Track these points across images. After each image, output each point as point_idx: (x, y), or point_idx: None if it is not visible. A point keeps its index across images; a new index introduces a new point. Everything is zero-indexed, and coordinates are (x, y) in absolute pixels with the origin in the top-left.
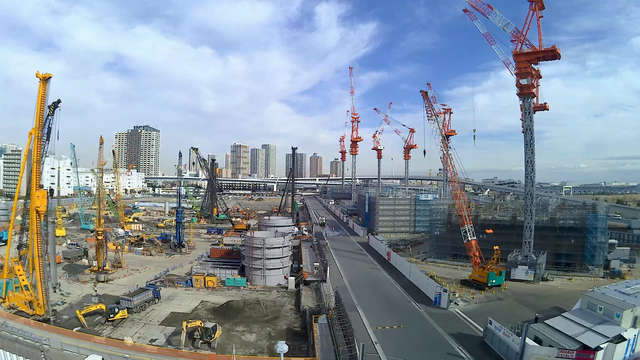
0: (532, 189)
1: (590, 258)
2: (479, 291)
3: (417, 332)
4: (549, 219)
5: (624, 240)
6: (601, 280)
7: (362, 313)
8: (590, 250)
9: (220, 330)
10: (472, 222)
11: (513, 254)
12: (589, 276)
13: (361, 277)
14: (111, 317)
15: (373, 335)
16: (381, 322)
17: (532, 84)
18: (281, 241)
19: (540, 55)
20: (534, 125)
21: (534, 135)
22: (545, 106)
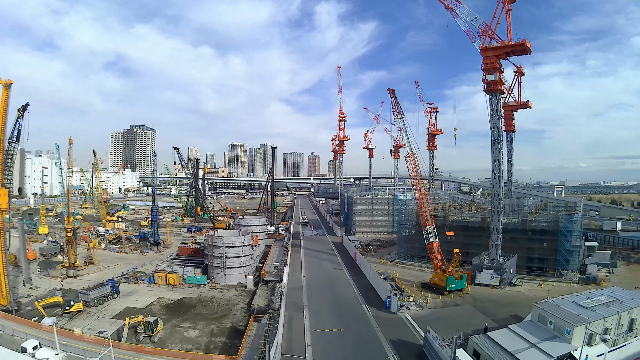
0: (500, 189)
1: (563, 263)
2: (438, 295)
3: (355, 337)
4: (519, 220)
5: (610, 243)
6: (574, 286)
7: (308, 314)
8: (564, 255)
9: (162, 325)
10: (434, 224)
11: (478, 257)
12: (562, 282)
13: (322, 278)
14: (67, 309)
15: (309, 337)
16: (322, 325)
17: (500, 80)
18: (241, 240)
19: (509, 49)
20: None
21: (502, 133)
22: (527, 104)
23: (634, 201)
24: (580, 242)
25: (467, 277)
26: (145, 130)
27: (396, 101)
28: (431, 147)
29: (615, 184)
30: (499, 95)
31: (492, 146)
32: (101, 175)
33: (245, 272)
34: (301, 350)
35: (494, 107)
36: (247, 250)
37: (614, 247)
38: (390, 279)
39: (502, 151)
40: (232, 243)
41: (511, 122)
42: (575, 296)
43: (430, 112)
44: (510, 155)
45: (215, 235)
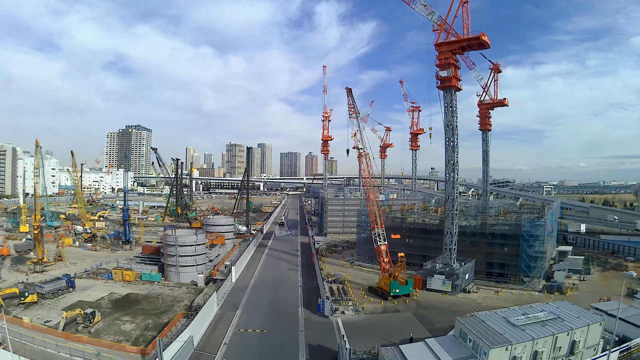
0: (454, 191)
1: (525, 269)
2: (380, 300)
3: (275, 339)
4: (479, 224)
5: (590, 247)
6: (536, 295)
7: (239, 313)
8: (526, 260)
9: (100, 317)
10: (383, 226)
11: (431, 262)
12: (523, 289)
13: (272, 278)
14: (22, 300)
15: (229, 336)
16: (249, 325)
17: (455, 76)
18: (194, 240)
19: (464, 43)
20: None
21: (457, 132)
22: (504, 102)
23: (628, 202)
24: (543, 247)
25: (414, 282)
26: (140, 130)
27: (352, 100)
28: (414, 146)
29: (614, 184)
30: (453, 91)
31: (446, 145)
32: (95, 175)
33: (198, 270)
34: (217, 348)
35: (448, 104)
36: (201, 249)
37: (592, 251)
38: (340, 281)
39: (456, 151)
40: (185, 242)
41: (487, 121)
42: (509, 311)
43: (412, 111)
44: (486, 154)
45: (169, 234)
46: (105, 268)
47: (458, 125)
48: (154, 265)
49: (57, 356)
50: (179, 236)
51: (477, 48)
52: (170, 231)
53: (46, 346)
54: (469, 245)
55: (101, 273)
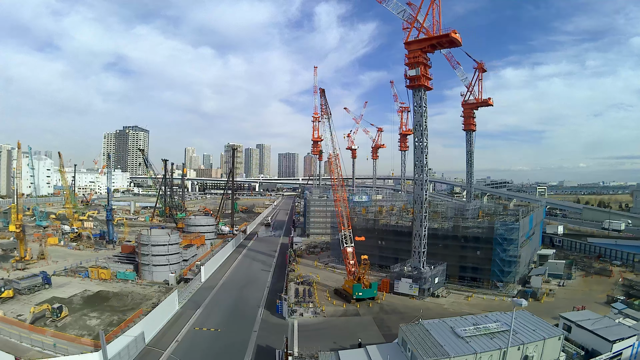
0: (423, 192)
1: (499, 274)
2: (343, 303)
3: (228, 338)
4: (452, 226)
5: (576, 250)
6: (508, 301)
7: (199, 312)
8: (499, 265)
9: (67, 312)
10: (350, 228)
11: (399, 265)
12: (495, 295)
13: (241, 278)
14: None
15: (182, 334)
16: (205, 324)
17: (425, 75)
18: (166, 239)
19: (434, 41)
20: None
21: (426, 132)
22: (488, 102)
23: (624, 203)
24: (518, 251)
25: (381, 285)
26: (137, 131)
27: (325, 101)
28: (403, 147)
29: (614, 184)
30: (423, 91)
31: (415, 146)
32: (91, 176)
33: (171, 270)
34: (167, 345)
35: (417, 103)
36: (174, 249)
37: (578, 254)
38: (308, 282)
39: (425, 152)
40: (158, 242)
41: (471, 121)
42: (460, 319)
43: (401, 111)
44: (470, 155)
45: (143, 234)
46: (84, 266)
47: (427, 124)
48: (130, 264)
49: (19, 346)
50: (152, 236)
51: (448, 46)
52: (146, 231)
53: (11, 337)
54: (442, 248)
55: (79, 271)
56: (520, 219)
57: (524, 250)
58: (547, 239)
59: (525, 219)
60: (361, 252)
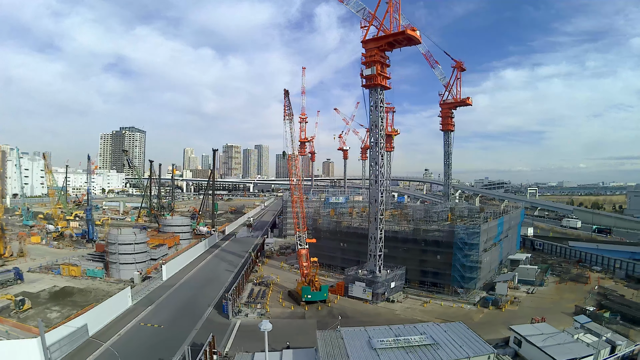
0: (378, 194)
1: (459, 279)
2: (292, 305)
3: (167, 334)
4: (412, 229)
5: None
6: (467, 308)
7: (150, 309)
8: (459, 270)
9: (29, 304)
10: (305, 229)
11: (354, 268)
12: (454, 302)
13: (203, 277)
14: None
15: (127, 328)
16: (151, 320)
17: (381, 74)
18: (132, 238)
19: (391, 39)
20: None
21: (383, 133)
22: (467, 101)
23: (618, 204)
24: (479, 256)
25: (336, 288)
26: (134, 131)
27: (288, 102)
28: (388, 148)
29: (613, 185)
30: (379, 90)
31: (371, 146)
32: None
33: (138, 268)
34: (104, 336)
35: (374, 103)
36: (141, 248)
37: (556, 258)
38: (266, 284)
39: (381, 153)
40: (124, 240)
41: (449, 121)
42: (384, 329)
43: (386, 112)
44: (448, 156)
45: (111, 233)
46: (58, 264)
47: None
48: (101, 262)
49: None
50: (119, 235)
51: (406, 44)
52: (115, 230)
53: None
54: (402, 251)
55: (53, 268)
56: (482, 222)
57: (489, 255)
58: (527, 242)
59: (492, 223)
60: (325, 254)
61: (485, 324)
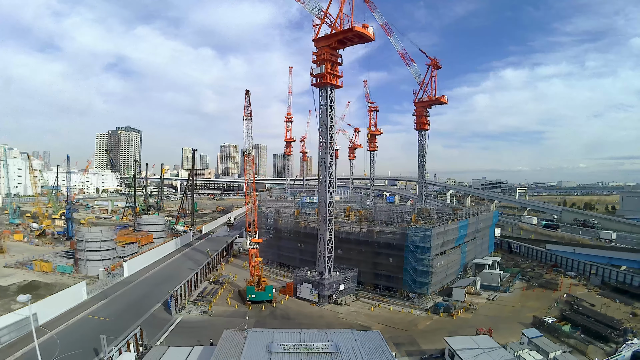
0: (327, 195)
1: (411, 283)
2: (237, 304)
3: (108, 326)
4: (365, 230)
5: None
6: (416, 314)
7: (101, 303)
8: (411, 274)
9: None
10: (257, 229)
11: (305, 269)
12: (403, 307)
13: (163, 275)
14: None
15: (75, 319)
16: (99, 313)
17: (331, 73)
18: (99, 236)
19: (341, 37)
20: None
21: (332, 132)
22: (441, 99)
23: (611, 204)
24: (431, 260)
25: (286, 288)
26: (129, 131)
27: (249, 102)
28: (372, 147)
29: (613, 185)
30: (329, 89)
31: (320, 146)
32: (82, 176)
33: (104, 265)
34: (56, 327)
35: (323, 102)
36: (107, 245)
37: (529, 262)
38: (221, 282)
39: (330, 153)
40: (91, 238)
41: (423, 120)
42: (290, 333)
43: (371, 111)
44: (423, 156)
45: (80, 230)
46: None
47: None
48: (72, 258)
49: None
50: (86, 233)
51: (358, 41)
52: (85, 228)
53: None
54: (356, 253)
55: (27, 264)
56: (434, 225)
57: (446, 259)
58: (505, 245)
59: (452, 225)
60: (284, 254)
61: (429, 332)
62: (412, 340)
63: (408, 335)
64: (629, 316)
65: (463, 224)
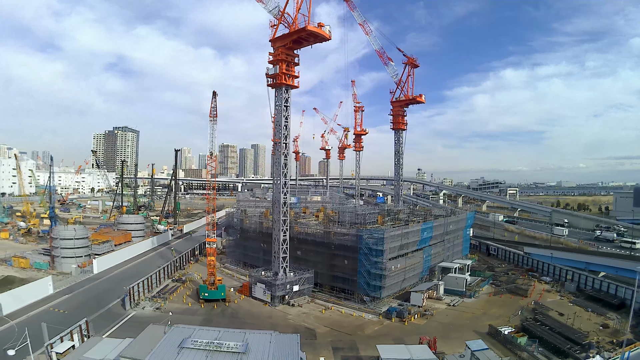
0: (281, 195)
1: (365, 287)
2: (190, 302)
3: (64, 318)
4: (322, 232)
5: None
6: (367, 319)
7: (65, 297)
8: (365, 277)
9: None
10: (215, 229)
11: (261, 269)
12: (356, 310)
13: (131, 272)
14: None
15: (37, 311)
16: (61, 306)
17: (286, 73)
18: (72, 234)
19: (295, 37)
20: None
21: (287, 132)
22: (417, 99)
23: (604, 205)
24: (383, 264)
25: (242, 288)
26: (126, 131)
27: (215, 103)
28: (358, 147)
29: (612, 185)
30: (284, 90)
31: (274, 146)
32: (77, 176)
33: (77, 262)
34: (18, 317)
35: (278, 103)
36: (81, 242)
37: (506, 265)
38: (182, 280)
39: (286, 152)
40: (65, 236)
41: (400, 120)
42: (209, 331)
43: (357, 111)
44: (399, 156)
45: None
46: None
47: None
48: (49, 255)
49: None
50: (60, 231)
51: (314, 41)
52: (62, 227)
53: None
54: (314, 255)
55: (7, 260)
56: (386, 227)
57: (404, 262)
58: (483, 247)
59: (413, 227)
60: (249, 254)
61: (374, 338)
62: (353, 346)
63: (351, 340)
64: (598, 328)
65: (427, 226)
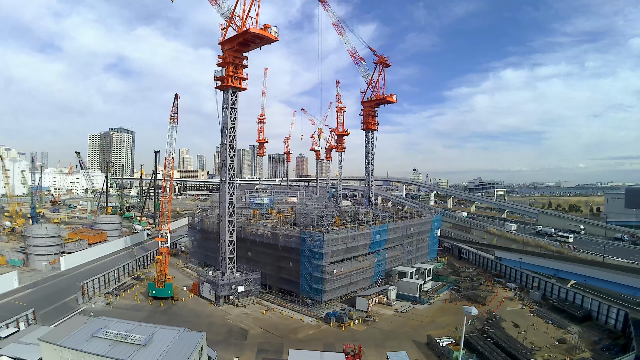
0: (227, 195)
1: (308, 289)
2: (140, 299)
3: (20, 309)
4: (270, 233)
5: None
6: (306, 322)
7: (29, 291)
8: (307, 280)
9: None
10: (169, 229)
11: (211, 269)
12: (296, 313)
13: (97, 270)
14: None
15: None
16: (23, 300)
17: (233, 75)
18: (44, 232)
19: (241, 39)
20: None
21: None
22: (389, 98)
23: (596, 206)
24: (324, 267)
25: (192, 287)
26: (121, 132)
27: (177, 106)
28: (339, 148)
29: (612, 185)
30: (231, 92)
31: (222, 148)
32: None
33: (49, 259)
34: None
35: (225, 104)
36: (52, 241)
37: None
38: (141, 279)
39: (231, 153)
40: (37, 234)
41: (371, 120)
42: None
43: (338, 111)
44: (369, 156)
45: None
46: None
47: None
48: (24, 253)
49: None
50: (33, 229)
51: (261, 43)
52: (37, 225)
53: None
54: (264, 256)
55: None
56: (327, 231)
57: (350, 266)
58: (455, 250)
59: (364, 230)
60: (209, 254)
61: (304, 342)
62: (279, 349)
63: (280, 343)
64: (554, 343)
65: (380, 229)
